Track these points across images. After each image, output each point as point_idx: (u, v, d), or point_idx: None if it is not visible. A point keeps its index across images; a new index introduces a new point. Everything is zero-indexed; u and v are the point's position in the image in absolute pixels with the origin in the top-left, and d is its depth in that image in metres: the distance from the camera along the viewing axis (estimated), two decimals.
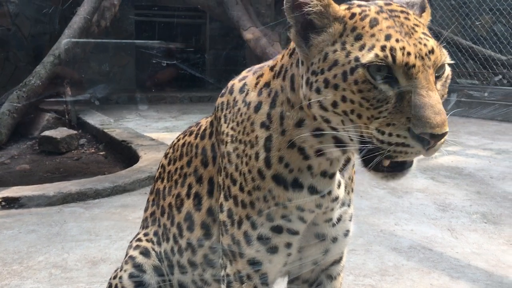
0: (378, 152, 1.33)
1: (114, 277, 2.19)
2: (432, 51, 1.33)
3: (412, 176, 5.67)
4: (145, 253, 2.20)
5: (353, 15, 1.39)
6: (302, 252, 1.74)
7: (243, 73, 1.83)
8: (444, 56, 1.36)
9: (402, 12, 1.39)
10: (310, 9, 1.40)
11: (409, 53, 1.29)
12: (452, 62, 1.41)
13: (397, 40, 1.31)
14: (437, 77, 1.36)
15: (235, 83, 1.80)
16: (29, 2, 11.26)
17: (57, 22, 11.29)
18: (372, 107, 1.32)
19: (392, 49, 1.29)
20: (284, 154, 1.59)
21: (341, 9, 1.42)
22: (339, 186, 1.67)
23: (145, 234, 2.28)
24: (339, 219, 1.74)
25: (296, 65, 1.54)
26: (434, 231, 4.04)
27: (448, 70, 1.41)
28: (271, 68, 1.68)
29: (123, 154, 7.05)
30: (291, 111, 1.55)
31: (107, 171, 6.34)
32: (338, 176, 1.66)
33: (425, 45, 1.32)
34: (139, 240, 2.26)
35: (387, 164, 1.39)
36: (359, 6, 1.42)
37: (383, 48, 1.29)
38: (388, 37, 1.31)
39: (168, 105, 12.27)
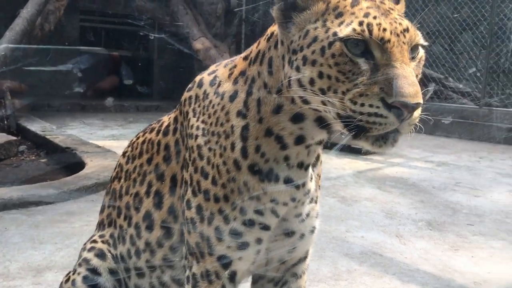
0: (348, 122, 1.33)
1: (66, 281, 2.07)
2: (407, 30, 1.37)
3: (360, 185, 5.82)
4: (101, 255, 2.10)
5: None
6: (270, 248, 1.72)
7: (211, 68, 1.81)
8: (418, 37, 1.40)
9: None
10: None
11: (384, 29, 1.33)
12: (426, 44, 1.45)
13: (374, 17, 1.34)
14: (412, 58, 1.39)
15: (204, 76, 1.77)
16: None
17: None
18: (347, 80, 1.33)
19: (369, 25, 1.32)
20: (261, 143, 1.57)
21: None
22: (311, 179, 1.67)
23: (101, 236, 2.17)
24: (307, 215, 1.73)
25: (274, 48, 1.55)
26: (383, 237, 4.14)
27: (422, 52, 1.45)
28: (245, 58, 1.67)
29: (66, 161, 6.76)
30: (268, 97, 1.54)
31: (50, 179, 6.06)
32: (310, 169, 1.66)
33: (400, 24, 1.36)
34: (94, 241, 2.16)
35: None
36: None
37: (360, 23, 1.33)
38: (366, 15, 1.35)
39: (114, 114, 11.97)
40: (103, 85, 13.50)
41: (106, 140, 8.14)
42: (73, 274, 2.07)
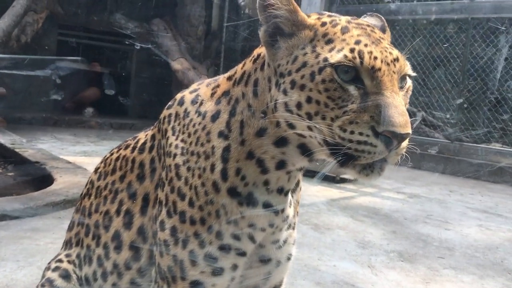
0: (337, 150, 1.32)
1: None
2: (397, 59, 1.37)
3: (333, 213, 5.81)
4: (66, 276, 2.00)
5: (324, 23, 1.42)
6: (244, 275, 1.66)
7: (193, 86, 1.78)
8: (407, 67, 1.41)
9: (368, 25, 1.45)
10: (275, 11, 1.42)
11: (376, 57, 1.33)
12: (415, 74, 1.45)
13: (365, 45, 1.34)
14: (400, 88, 1.39)
15: (186, 94, 1.73)
16: None
17: None
18: (336, 107, 1.32)
19: (360, 52, 1.32)
20: (242, 166, 1.53)
21: (309, 18, 1.45)
22: (290, 205, 1.64)
23: (67, 255, 2.08)
24: (284, 242, 1.69)
25: (260, 69, 1.53)
26: (355, 267, 4.11)
27: (409, 82, 1.46)
28: (229, 78, 1.64)
29: (35, 176, 6.56)
30: (251, 119, 1.51)
31: (16, 193, 5.86)
32: (289, 195, 1.63)
33: (390, 53, 1.37)
34: (60, 261, 2.07)
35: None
36: (329, 16, 1.46)
37: (352, 50, 1.32)
38: (357, 42, 1.35)
39: (87, 130, 11.77)
40: (83, 96, 13.30)
41: (77, 156, 7.96)
42: None
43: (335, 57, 1.32)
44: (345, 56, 1.31)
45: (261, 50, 1.58)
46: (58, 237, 4.08)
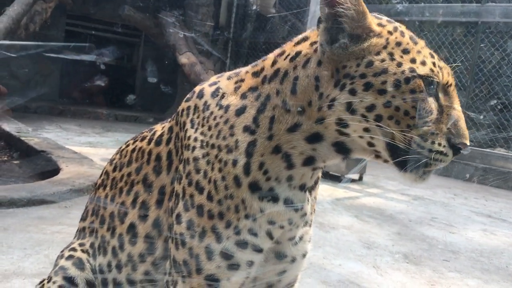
0: (414, 157, 1.40)
1: None
2: (451, 73, 1.48)
3: (338, 213, 5.81)
4: (79, 264, 2.00)
5: (390, 32, 1.45)
6: (259, 271, 1.65)
7: (213, 79, 1.76)
8: None
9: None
10: (343, 10, 1.41)
11: (449, 73, 1.45)
12: None
13: (439, 60, 1.45)
14: None
15: (205, 87, 1.71)
16: None
17: None
18: (418, 117, 1.39)
19: (440, 67, 1.43)
20: (266, 160, 1.52)
21: (375, 25, 1.46)
22: (308, 202, 1.63)
23: (81, 244, 2.08)
24: (300, 238, 1.69)
25: (302, 67, 1.50)
26: (361, 267, 4.11)
27: None
28: (255, 74, 1.62)
29: (41, 165, 6.57)
30: (285, 115, 1.50)
31: (21, 182, 5.87)
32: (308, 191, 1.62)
33: (447, 69, 1.48)
34: (73, 250, 2.06)
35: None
36: (389, 21, 1.50)
37: (434, 64, 1.42)
38: (432, 56, 1.44)
39: (92, 121, 11.77)
40: (84, 91, 13.31)
41: (82, 147, 7.96)
42: (48, 282, 1.97)
43: (422, 69, 1.39)
44: (432, 70, 1.40)
45: (298, 48, 1.55)
46: (64, 227, 4.09)
